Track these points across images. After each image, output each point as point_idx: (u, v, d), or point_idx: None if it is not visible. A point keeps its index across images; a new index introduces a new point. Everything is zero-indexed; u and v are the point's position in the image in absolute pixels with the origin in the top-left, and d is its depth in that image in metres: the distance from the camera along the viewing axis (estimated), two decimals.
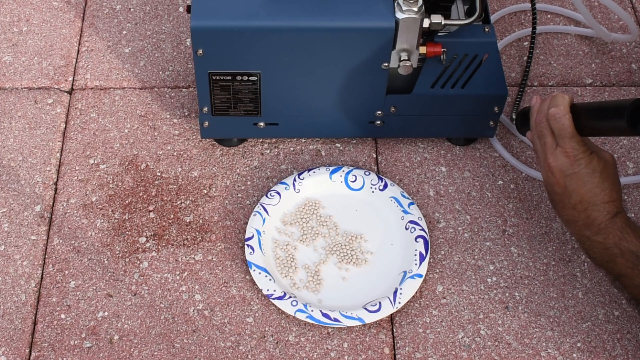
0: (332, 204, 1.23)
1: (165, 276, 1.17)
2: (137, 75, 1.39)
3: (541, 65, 1.42)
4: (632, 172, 1.29)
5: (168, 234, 1.21)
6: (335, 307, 1.13)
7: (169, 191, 1.26)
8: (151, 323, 1.13)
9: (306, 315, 1.11)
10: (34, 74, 1.39)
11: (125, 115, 1.34)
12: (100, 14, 1.48)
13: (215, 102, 1.21)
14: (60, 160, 1.29)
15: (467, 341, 1.12)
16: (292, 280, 1.16)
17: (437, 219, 1.23)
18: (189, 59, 1.41)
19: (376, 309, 1.11)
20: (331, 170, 1.25)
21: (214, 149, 1.30)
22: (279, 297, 1.12)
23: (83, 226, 1.22)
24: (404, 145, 1.32)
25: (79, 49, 1.43)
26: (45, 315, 1.13)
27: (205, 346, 1.11)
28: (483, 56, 1.19)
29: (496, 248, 1.21)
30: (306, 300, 1.13)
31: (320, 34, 1.12)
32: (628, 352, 1.11)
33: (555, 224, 1.23)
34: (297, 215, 1.22)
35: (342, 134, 1.30)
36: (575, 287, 1.17)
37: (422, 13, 1.11)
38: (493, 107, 1.23)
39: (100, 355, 1.10)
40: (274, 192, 1.22)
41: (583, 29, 1.46)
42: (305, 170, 1.25)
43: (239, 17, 1.11)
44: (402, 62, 1.15)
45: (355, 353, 1.11)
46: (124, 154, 1.30)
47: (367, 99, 1.22)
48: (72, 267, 1.18)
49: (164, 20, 1.47)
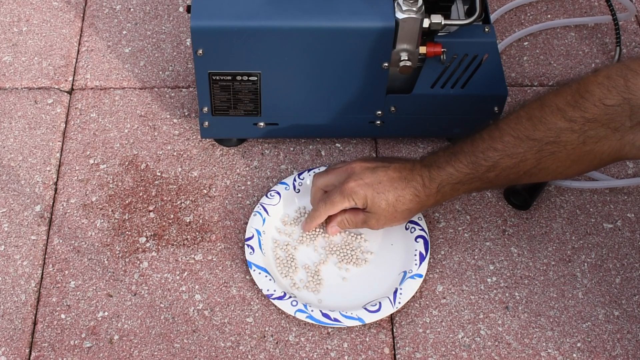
0: None
1: (165, 276, 1.17)
2: (137, 75, 1.39)
3: (541, 65, 1.42)
4: (632, 172, 1.29)
5: (168, 234, 1.21)
6: (335, 307, 1.13)
7: (169, 191, 1.26)
8: (151, 323, 1.13)
9: (306, 315, 1.11)
10: (34, 74, 1.39)
11: (125, 115, 1.34)
12: (100, 14, 1.48)
13: (215, 102, 1.21)
14: (60, 160, 1.29)
15: (467, 341, 1.12)
16: (292, 280, 1.16)
17: (437, 219, 1.23)
18: (189, 59, 1.41)
19: (376, 309, 1.11)
20: None
21: (214, 149, 1.30)
22: (279, 297, 1.12)
23: (83, 226, 1.22)
24: (404, 145, 1.32)
25: (79, 49, 1.43)
26: (45, 315, 1.13)
27: (205, 346, 1.11)
28: (483, 56, 1.19)
29: (496, 248, 1.21)
30: (306, 300, 1.13)
31: (320, 34, 1.12)
32: (628, 352, 1.11)
33: (555, 224, 1.23)
34: (297, 215, 1.22)
35: (342, 134, 1.30)
36: (575, 287, 1.17)
37: (422, 13, 1.11)
38: (493, 107, 1.23)
39: (100, 355, 1.10)
40: (274, 192, 1.22)
41: (583, 18, 1.46)
42: (305, 171, 1.25)
43: (239, 17, 1.11)
44: (402, 62, 1.15)
45: (355, 353, 1.11)
46: (124, 154, 1.30)
47: (367, 99, 1.21)
48: (72, 267, 1.18)
49: (164, 20, 1.47)
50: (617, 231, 1.23)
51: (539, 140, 1.02)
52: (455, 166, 1.07)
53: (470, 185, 1.08)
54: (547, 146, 1.01)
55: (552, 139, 1.01)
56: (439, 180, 1.09)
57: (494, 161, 1.05)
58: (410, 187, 1.10)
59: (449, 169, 1.08)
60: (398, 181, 1.10)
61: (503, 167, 1.05)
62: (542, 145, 1.02)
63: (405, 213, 1.12)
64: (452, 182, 1.08)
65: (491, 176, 1.06)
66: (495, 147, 1.05)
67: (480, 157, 1.06)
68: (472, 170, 1.06)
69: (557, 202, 1.25)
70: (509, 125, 1.04)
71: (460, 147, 1.08)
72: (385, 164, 1.12)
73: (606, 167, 1.29)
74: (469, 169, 1.07)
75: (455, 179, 1.08)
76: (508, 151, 1.04)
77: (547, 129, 1.01)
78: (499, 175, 1.06)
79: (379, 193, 1.10)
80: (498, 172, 1.05)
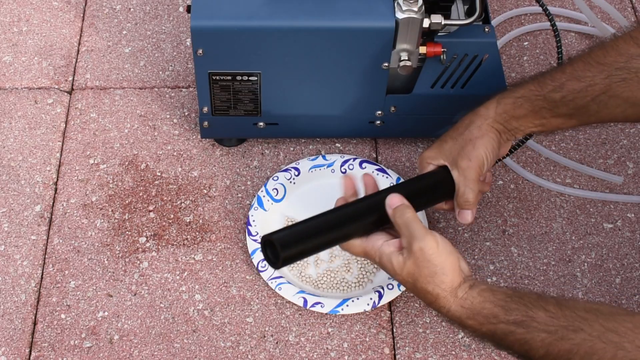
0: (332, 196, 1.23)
1: (165, 276, 1.17)
2: (137, 75, 1.39)
3: (541, 65, 1.42)
4: (632, 172, 1.29)
5: (168, 234, 1.21)
6: (336, 297, 1.13)
7: (169, 191, 1.26)
8: (151, 323, 1.13)
9: (315, 301, 1.11)
10: (34, 74, 1.39)
11: (125, 115, 1.34)
12: (100, 14, 1.48)
13: (215, 102, 1.21)
14: (60, 160, 1.29)
15: (467, 341, 1.12)
16: (298, 272, 1.16)
17: (437, 219, 1.23)
18: (189, 59, 1.41)
19: (381, 293, 1.12)
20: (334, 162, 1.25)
21: (214, 149, 1.30)
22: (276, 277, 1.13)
23: (83, 226, 1.22)
24: (404, 145, 1.32)
25: (79, 49, 1.43)
26: (45, 315, 1.13)
27: (205, 346, 1.11)
28: (483, 56, 1.19)
29: (496, 248, 1.21)
30: (311, 291, 1.14)
31: (320, 34, 1.12)
32: None
33: (555, 224, 1.23)
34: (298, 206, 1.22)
35: (342, 134, 1.30)
36: (575, 287, 1.17)
37: (422, 13, 1.11)
38: None
39: (100, 355, 1.10)
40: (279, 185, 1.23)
41: (584, 26, 1.46)
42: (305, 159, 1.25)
43: (239, 17, 1.11)
44: (402, 62, 1.15)
45: (355, 353, 1.11)
46: (124, 154, 1.30)
47: (367, 99, 1.22)
48: (72, 267, 1.18)
49: (164, 20, 1.47)
50: (617, 231, 1.23)
51: (609, 65, 0.98)
52: (519, 84, 1.05)
53: (533, 103, 1.03)
54: (617, 72, 0.98)
55: (622, 64, 0.97)
56: (497, 96, 1.05)
57: (560, 82, 1.01)
58: (467, 115, 1.07)
59: (511, 87, 1.05)
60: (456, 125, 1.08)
61: (569, 89, 1.01)
62: (612, 70, 0.98)
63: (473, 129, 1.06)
64: (514, 95, 1.04)
65: (556, 97, 1.02)
66: (563, 70, 1.02)
67: (547, 77, 1.03)
68: (537, 87, 1.03)
69: (557, 202, 1.25)
70: (579, 55, 1.02)
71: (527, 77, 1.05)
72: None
73: (607, 167, 1.29)
74: (533, 86, 1.03)
75: (518, 93, 1.04)
76: (576, 74, 1.00)
77: (618, 54, 0.98)
78: (565, 98, 1.01)
79: (441, 140, 1.07)
80: (564, 94, 1.01)
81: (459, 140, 1.06)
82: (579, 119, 1.05)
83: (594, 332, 0.86)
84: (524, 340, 0.90)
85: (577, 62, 1.01)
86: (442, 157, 1.07)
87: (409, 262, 0.96)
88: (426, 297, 0.97)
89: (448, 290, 0.95)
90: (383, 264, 0.99)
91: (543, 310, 0.90)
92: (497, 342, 0.93)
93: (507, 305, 0.92)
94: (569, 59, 1.03)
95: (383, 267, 1.00)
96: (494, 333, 0.92)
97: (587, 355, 0.86)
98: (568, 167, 1.29)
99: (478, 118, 1.06)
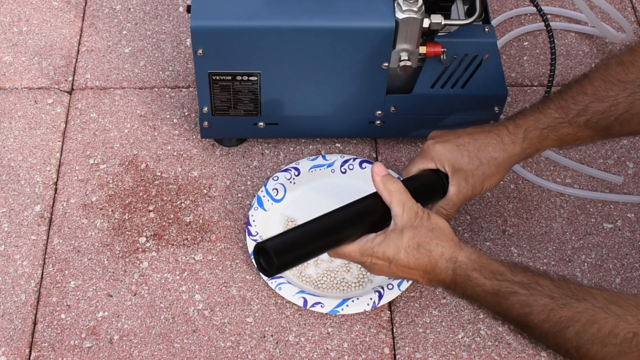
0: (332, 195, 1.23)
1: (165, 276, 1.17)
2: (137, 75, 1.39)
3: (541, 65, 1.42)
4: (632, 172, 1.29)
5: (168, 234, 1.21)
6: (336, 297, 1.13)
7: (169, 191, 1.26)
8: (151, 323, 1.13)
9: (315, 300, 1.11)
10: (34, 74, 1.39)
11: (125, 115, 1.34)
12: (100, 14, 1.48)
13: (215, 102, 1.21)
14: (60, 160, 1.29)
15: (467, 341, 1.12)
16: (298, 272, 1.16)
17: None
18: (189, 59, 1.41)
19: (380, 293, 1.12)
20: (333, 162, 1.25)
21: (214, 149, 1.30)
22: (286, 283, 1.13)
23: (83, 226, 1.22)
24: (404, 145, 1.32)
25: (79, 49, 1.43)
26: (45, 315, 1.13)
27: (205, 346, 1.11)
28: (483, 56, 1.19)
29: (496, 248, 1.21)
30: (311, 291, 1.14)
31: (320, 34, 1.12)
32: None
33: (555, 224, 1.23)
34: (298, 206, 1.22)
35: (342, 134, 1.30)
36: None
37: (422, 13, 1.11)
38: (493, 107, 1.23)
39: (100, 355, 1.10)
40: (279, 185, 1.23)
41: (584, 26, 1.46)
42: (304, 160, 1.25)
43: (239, 17, 1.11)
44: (402, 62, 1.15)
45: (355, 353, 1.11)
46: (124, 154, 1.30)
47: (367, 99, 1.22)
48: (72, 267, 1.18)
49: (164, 20, 1.47)
50: (617, 231, 1.23)
51: (632, 82, 0.98)
52: (543, 111, 1.03)
53: (559, 131, 1.03)
54: (639, 89, 0.98)
55: None
56: (525, 126, 1.04)
57: (584, 105, 1.01)
58: (493, 134, 1.05)
59: (536, 115, 1.04)
60: (478, 133, 1.06)
61: (593, 111, 1.01)
62: (635, 87, 0.98)
63: (492, 164, 1.05)
64: (540, 127, 1.03)
65: (581, 121, 1.01)
66: (584, 92, 1.01)
67: (570, 102, 1.02)
68: (561, 114, 1.02)
69: (557, 202, 1.25)
70: (598, 72, 1.01)
71: (548, 98, 1.04)
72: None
73: (607, 167, 1.29)
74: (557, 113, 1.03)
75: (543, 124, 1.03)
76: (599, 94, 1.00)
77: (639, 70, 0.98)
78: (590, 121, 1.01)
79: (458, 146, 1.05)
80: (588, 117, 1.01)
81: (474, 161, 1.05)
82: (600, 137, 1.06)
83: (598, 304, 0.86)
84: (526, 302, 0.90)
85: (597, 81, 1.01)
86: (448, 163, 1.06)
87: (406, 229, 0.97)
88: (431, 259, 0.96)
89: (451, 242, 0.96)
90: (382, 251, 0.98)
91: (549, 279, 0.91)
92: (496, 303, 0.93)
93: (513, 267, 0.93)
94: (585, 75, 1.03)
95: (382, 257, 0.98)
96: (497, 290, 0.92)
97: (588, 323, 0.86)
98: (568, 167, 1.29)
99: (501, 152, 1.04)
